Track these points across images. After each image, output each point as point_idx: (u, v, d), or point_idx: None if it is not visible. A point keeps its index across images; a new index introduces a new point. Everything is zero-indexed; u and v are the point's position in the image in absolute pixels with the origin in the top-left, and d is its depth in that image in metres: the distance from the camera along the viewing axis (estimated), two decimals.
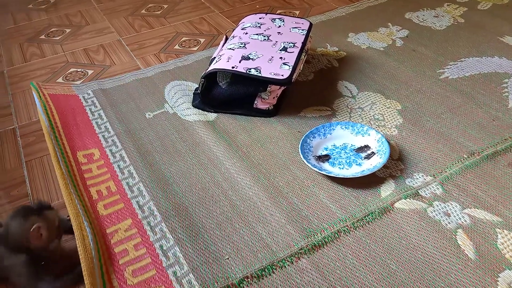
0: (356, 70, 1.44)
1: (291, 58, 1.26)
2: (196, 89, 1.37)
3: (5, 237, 0.83)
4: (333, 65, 1.48)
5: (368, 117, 1.24)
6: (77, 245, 0.87)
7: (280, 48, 1.30)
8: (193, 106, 1.33)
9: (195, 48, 1.65)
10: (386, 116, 1.24)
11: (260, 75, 1.20)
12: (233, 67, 1.22)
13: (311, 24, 1.43)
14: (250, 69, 1.21)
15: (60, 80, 1.50)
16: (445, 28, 1.67)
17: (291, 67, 1.23)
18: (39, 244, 0.82)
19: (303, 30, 1.40)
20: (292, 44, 1.32)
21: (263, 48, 1.30)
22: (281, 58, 1.26)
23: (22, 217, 0.82)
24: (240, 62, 1.24)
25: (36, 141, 1.24)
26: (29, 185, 1.10)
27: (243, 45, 1.32)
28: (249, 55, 1.26)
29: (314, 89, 1.37)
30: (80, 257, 0.85)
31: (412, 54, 1.51)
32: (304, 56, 1.34)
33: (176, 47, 1.67)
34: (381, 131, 1.19)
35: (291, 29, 1.40)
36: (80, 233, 0.90)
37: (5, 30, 1.89)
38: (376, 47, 1.57)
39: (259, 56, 1.26)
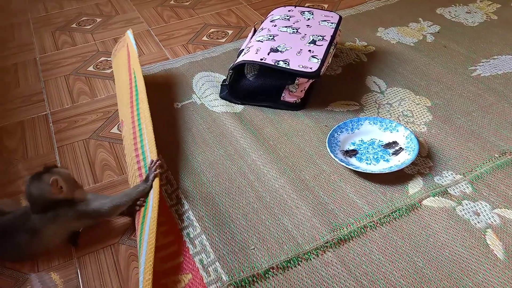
0: (385, 65, 1.43)
1: (320, 51, 1.26)
2: (224, 80, 1.38)
3: (33, 206, 0.87)
4: (361, 59, 1.47)
5: (397, 113, 1.23)
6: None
7: (309, 41, 1.29)
8: (220, 97, 1.33)
9: (223, 40, 1.65)
10: (415, 113, 1.22)
11: (288, 67, 1.19)
12: (261, 59, 1.22)
13: (340, 18, 1.42)
14: (279, 61, 1.21)
15: (91, 68, 1.53)
16: (478, 24, 1.63)
17: (319, 60, 1.22)
18: (63, 196, 0.87)
19: (332, 23, 1.39)
20: (321, 37, 1.31)
21: (292, 41, 1.29)
22: (309, 51, 1.25)
23: (36, 180, 0.86)
24: (268, 54, 1.24)
25: (67, 128, 1.27)
26: None
27: (272, 37, 1.31)
28: (277, 47, 1.26)
29: (342, 83, 1.37)
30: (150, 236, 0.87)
31: (443, 50, 1.49)
32: (333, 50, 1.33)
33: (204, 38, 1.68)
34: (410, 127, 1.17)
35: (320, 22, 1.39)
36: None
37: (37, 18, 1.93)
38: (406, 43, 1.54)
39: (287, 48, 1.26)
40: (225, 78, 1.37)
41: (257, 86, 1.30)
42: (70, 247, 0.93)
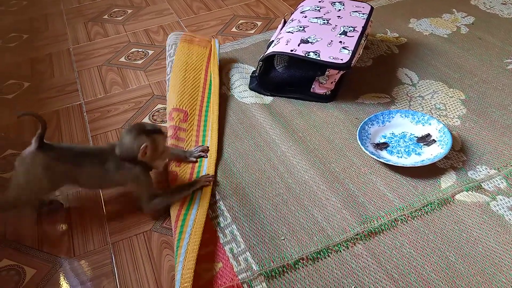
0: (417, 57, 1.40)
1: (351, 42, 1.24)
2: (254, 72, 1.38)
3: (119, 149, 0.92)
4: (393, 51, 1.45)
5: (429, 106, 1.21)
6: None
7: (340, 32, 1.28)
8: (250, 88, 1.34)
9: (252, 31, 1.65)
10: (448, 106, 1.20)
11: (319, 58, 1.19)
12: (291, 50, 1.22)
13: (372, 8, 1.40)
14: (309, 52, 1.21)
15: (122, 59, 1.56)
16: None
17: (350, 51, 1.21)
18: (143, 159, 0.92)
19: (363, 14, 1.37)
20: (352, 28, 1.30)
21: (323, 32, 1.29)
22: (340, 42, 1.24)
23: (135, 134, 0.91)
24: (299, 45, 1.24)
25: (101, 117, 1.30)
26: None
27: (302, 28, 1.31)
28: (308, 39, 1.26)
29: (372, 75, 1.35)
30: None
31: (478, 42, 1.45)
32: (364, 41, 1.31)
33: (233, 29, 1.68)
34: (443, 121, 1.15)
35: (351, 13, 1.38)
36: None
37: (70, 9, 1.97)
38: (439, 34, 1.51)
39: (318, 39, 1.25)
40: (255, 69, 1.37)
41: (286, 78, 1.30)
42: (105, 232, 0.96)
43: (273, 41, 1.34)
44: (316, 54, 1.20)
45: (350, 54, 1.20)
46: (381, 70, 1.37)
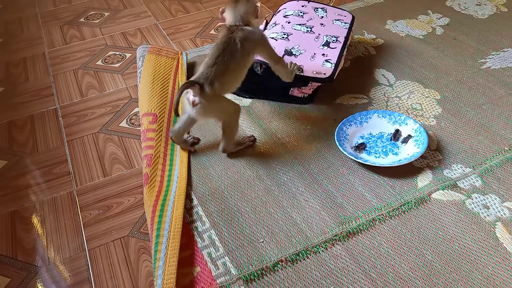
0: (394, 58, 1.42)
1: (333, 54, 1.24)
2: None
3: (235, 17, 1.04)
4: (370, 52, 1.46)
5: (406, 106, 1.22)
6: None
7: (323, 43, 1.27)
8: None
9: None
10: (425, 106, 1.22)
11: (302, 74, 1.18)
12: None
13: (353, 18, 1.40)
14: None
15: (99, 62, 1.54)
16: (488, 17, 1.61)
17: (333, 64, 1.21)
18: (256, 18, 1.07)
19: (346, 23, 1.37)
20: (335, 38, 1.29)
21: (306, 42, 1.27)
22: (323, 55, 1.24)
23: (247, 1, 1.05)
24: (283, 56, 1.22)
25: (77, 122, 1.28)
26: (70, 164, 1.14)
27: (286, 36, 1.30)
28: (291, 50, 1.24)
29: (350, 76, 1.36)
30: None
31: (452, 43, 1.47)
32: (346, 51, 1.31)
33: (212, 32, 1.68)
34: (419, 120, 1.17)
35: (334, 21, 1.37)
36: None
37: (45, 12, 1.94)
38: (415, 35, 1.53)
39: (301, 51, 1.24)
40: None
41: (266, 80, 1.29)
42: (81, 239, 0.95)
43: None
44: (299, 70, 1.19)
45: (333, 67, 1.20)
46: (359, 71, 1.38)
